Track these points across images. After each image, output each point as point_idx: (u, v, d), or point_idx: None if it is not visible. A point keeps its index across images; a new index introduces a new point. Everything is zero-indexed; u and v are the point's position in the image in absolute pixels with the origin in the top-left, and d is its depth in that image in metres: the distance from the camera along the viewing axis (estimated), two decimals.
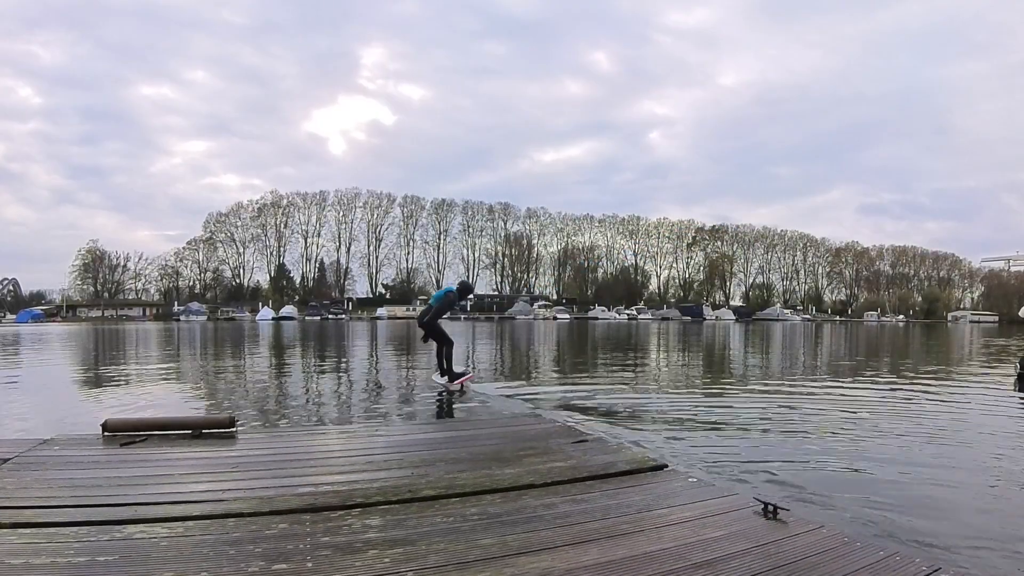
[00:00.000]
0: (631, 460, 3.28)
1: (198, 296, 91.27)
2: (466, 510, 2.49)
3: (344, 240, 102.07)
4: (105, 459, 3.49)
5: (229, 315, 76.49)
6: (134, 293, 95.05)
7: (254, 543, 2.16)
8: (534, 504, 2.56)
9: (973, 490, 4.27)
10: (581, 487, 2.84)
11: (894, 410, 7.73)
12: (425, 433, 4.40)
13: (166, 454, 3.62)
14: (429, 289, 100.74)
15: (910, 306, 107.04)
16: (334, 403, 8.41)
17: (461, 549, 2.08)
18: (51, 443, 3.81)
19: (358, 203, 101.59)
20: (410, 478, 2.99)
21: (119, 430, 4.09)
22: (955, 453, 5.35)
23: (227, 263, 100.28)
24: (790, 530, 2.22)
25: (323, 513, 2.48)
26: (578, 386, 10.09)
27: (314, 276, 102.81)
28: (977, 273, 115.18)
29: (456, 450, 3.65)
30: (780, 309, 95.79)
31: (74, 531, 2.28)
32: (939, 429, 6.44)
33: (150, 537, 2.22)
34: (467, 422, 5.23)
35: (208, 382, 10.86)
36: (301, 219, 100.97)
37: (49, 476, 3.07)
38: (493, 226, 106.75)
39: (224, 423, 4.28)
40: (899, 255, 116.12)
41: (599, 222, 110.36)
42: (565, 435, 4.01)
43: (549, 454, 3.49)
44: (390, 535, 2.22)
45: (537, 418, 4.89)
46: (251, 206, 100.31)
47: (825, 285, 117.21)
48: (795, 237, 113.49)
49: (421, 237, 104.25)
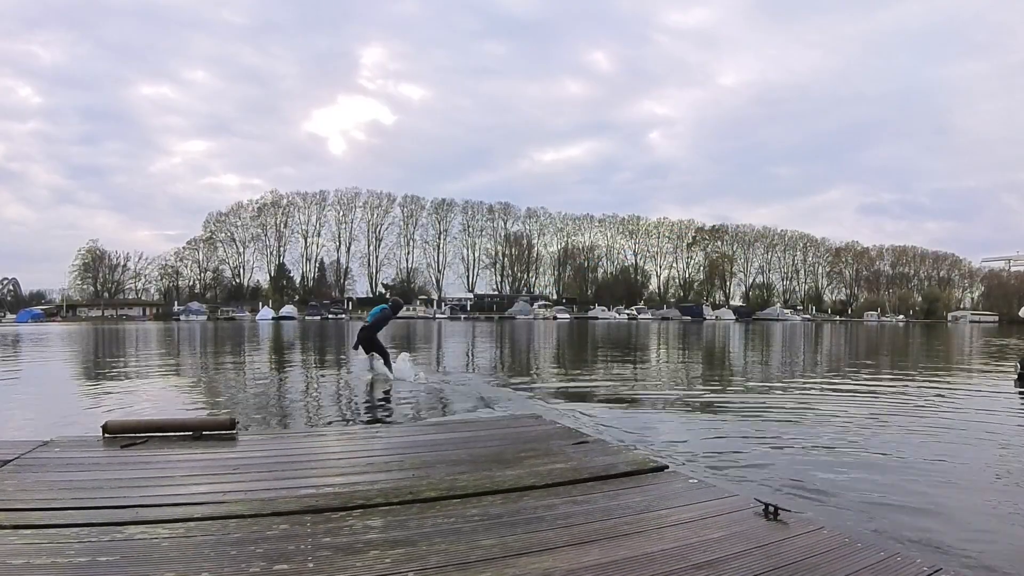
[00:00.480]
0: (632, 461, 3.28)
1: (198, 296, 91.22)
2: (467, 511, 2.49)
3: (344, 240, 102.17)
4: (106, 461, 3.50)
5: (229, 315, 76.41)
6: (134, 293, 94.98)
7: (255, 544, 2.16)
8: (535, 505, 2.57)
9: (974, 490, 4.28)
10: (582, 488, 2.84)
11: (894, 409, 7.73)
12: (425, 435, 4.40)
13: (167, 456, 3.62)
14: (429, 289, 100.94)
15: (910, 306, 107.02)
16: (333, 404, 8.42)
17: (462, 550, 2.08)
18: (52, 445, 3.81)
19: (358, 203, 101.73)
20: (411, 479, 2.99)
21: (120, 432, 4.09)
22: (956, 452, 5.36)
23: (227, 263, 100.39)
24: (791, 531, 2.22)
25: (324, 514, 2.49)
26: (577, 385, 10.10)
27: (314, 276, 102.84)
28: (977, 273, 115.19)
29: (456, 451, 3.65)
30: (780, 309, 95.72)
31: (75, 532, 2.28)
32: (940, 428, 6.46)
33: (151, 538, 2.22)
34: (467, 423, 5.23)
35: (208, 383, 10.86)
36: (301, 219, 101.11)
37: (50, 478, 3.08)
38: (493, 226, 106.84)
39: (224, 424, 4.28)
40: (899, 255, 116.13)
41: (599, 222, 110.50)
42: (566, 436, 4.02)
43: (550, 455, 3.49)
44: (391, 536, 2.22)
45: (538, 419, 4.89)
46: (251, 206, 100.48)
47: (825, 285, 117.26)
48: (795, 237, 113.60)
49: (421, 237, 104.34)
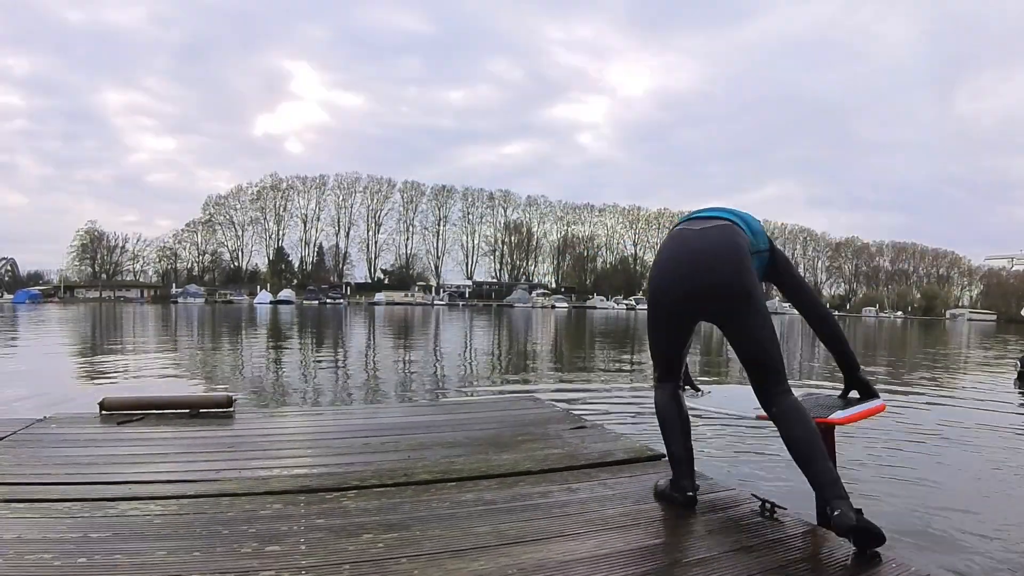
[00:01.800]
0: (629, 449, 3.27)
1: (196, 279, 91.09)
2: (462, 496, 2.48)
3: (343, 224, 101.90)
4: (101, 437, 3.48)
5: (227, 298, 76.31)
6: (132, 275, 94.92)
7: (248, 523, 2.14)
8: (530, 491, 2.55)
9: (971, 492, 4.24)
10: (578, 475, 2.82)
11: (891, 408, 7.71)
12: (422, 415, 4.38)
13: (162, 433, 3.60)
14: (428, 275, 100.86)
15: (908, 303, 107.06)
16: (330, 384, 8.41)
17: (456, 536, 2.06)
18: (48, 421, 3.80)
19: (358, 187, 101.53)
20: (406, 461, 2.98)
21: (116, 409, 4.07)
22: (954, 453, 5.34)
23: (226, 246, 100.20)
24: (786, 529, 2.20)
25: (318, 494, 2.47)
26: (575, 373, 10.09)
27: (313, 260, 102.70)
28: (977, 271, 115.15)
29: (453, 433, 3.63)
30: (778, 302, 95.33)
31: (67, 507, 2.26)
32: (937, 427, 6.43)
33: (143, 515, 2.20)
34: (465, 405, 5.22)
35: (205, 363, 10.85)
36: (301, 203, 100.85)
37: (45, 453, 3.06)
38: (493, 213, 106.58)
39: (222, 403, 4.27)
40: (899, 251, 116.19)
41: (599, 211, 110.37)
42: (563, 420, 4.00)
43: (547, 440, 3.48)
44: (385, 519, 2.20)
45: (536, 402, 4.87)
46: (250, 189, 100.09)
47: (824, 279, 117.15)
48: (795, 230, 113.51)
49: (421, 223, 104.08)
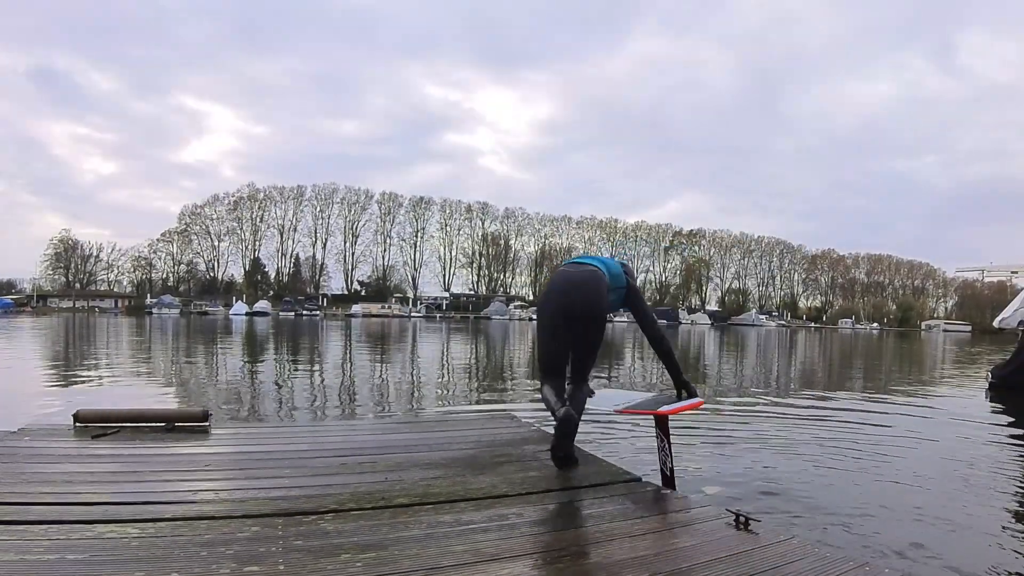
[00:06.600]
0: (605, 472, 3.32)
1: (171, 289, 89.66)
2: (440, 517, 2.51)
3: (320, 235, 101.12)
4: (76, 452, 3.46)
5: (203, 309, 75.23)
6: (107, 284, 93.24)
7: (226, 545, 2.15)
8: (507, 512, 2.59)
9: (945, 501, 4.36)
10: (555, 497, 2.87)
11: (866, 419, 7.87)
12: (399, 433, 4.40)
13: (139, 449, 3.57)
14: (405, 287, 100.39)
15: (884, 314, 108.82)
16: (306, 399, 8.37)
17: (433, 554, 2.10)
18: (22, 433, 3.78)
19: (335, 199, 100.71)
20: (385, 484, 3.00)
21: (91, 421, 4.06)
22: (928, 463, 5.47)
23: (201, 256, 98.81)
24: (760, 541, 2.27)
25: (295, 517, 2.49)
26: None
27: (289, 271, 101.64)
28: (951, 283, 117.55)
29: (431, 454, 3.66)
30: (755, 315, 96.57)
31: (44, 529, 2.25)
32: (912, 438, 6.57)
33: (121, 537, 2.21)
34: (442, 423, 5.23)
35: (180, 376, 10.73)
36: (278, 213, 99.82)
37: (19, 470, 3.03)
38: (471, 225, 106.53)
39: (197, 417, 4.25)
40: (875, 263, 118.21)
41: (577, 223, 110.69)
42: (541, 441, 4.04)
43: (524, 461, 3.52)
44: (363, 540, 2.23)
45: (513, 419, 4.92)
46: (227, 199, 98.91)
47: (801, 291, 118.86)
48: (772, 243, 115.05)
49: (398, 234, 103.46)
